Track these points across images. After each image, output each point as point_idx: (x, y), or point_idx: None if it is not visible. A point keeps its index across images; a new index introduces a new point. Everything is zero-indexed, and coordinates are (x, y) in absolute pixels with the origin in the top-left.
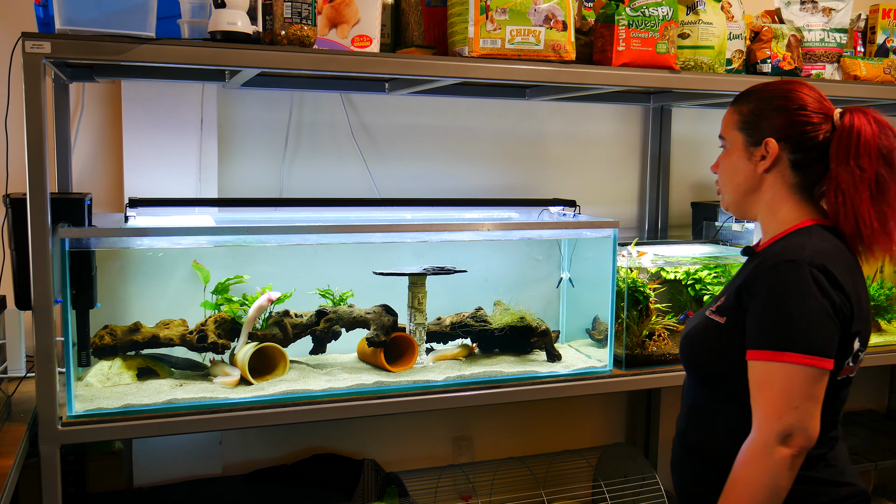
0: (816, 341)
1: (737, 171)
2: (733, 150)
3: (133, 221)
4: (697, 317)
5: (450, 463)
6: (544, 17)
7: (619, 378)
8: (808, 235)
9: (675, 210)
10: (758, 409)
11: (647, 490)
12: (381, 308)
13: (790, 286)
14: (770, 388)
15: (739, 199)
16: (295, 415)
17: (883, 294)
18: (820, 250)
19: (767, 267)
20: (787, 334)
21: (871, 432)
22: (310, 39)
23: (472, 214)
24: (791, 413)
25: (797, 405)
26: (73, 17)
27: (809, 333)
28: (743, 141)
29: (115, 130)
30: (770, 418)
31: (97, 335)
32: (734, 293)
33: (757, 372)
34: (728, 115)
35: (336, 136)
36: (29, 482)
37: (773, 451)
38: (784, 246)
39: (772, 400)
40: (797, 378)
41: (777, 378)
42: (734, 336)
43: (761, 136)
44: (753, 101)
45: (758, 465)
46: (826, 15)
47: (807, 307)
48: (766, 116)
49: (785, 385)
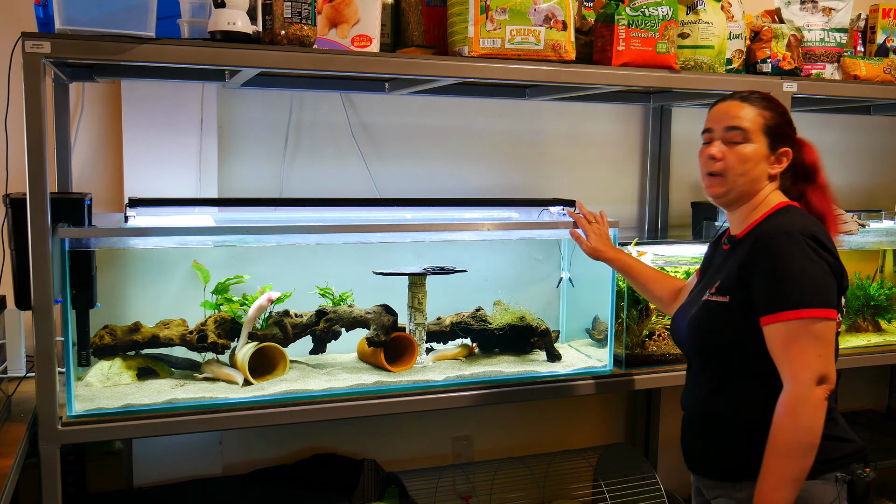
0: (825, 296)
1: (754, 168)
2: (756, 149)
3: (133, 221)
4: (692, 305)
5: (450, 463)
6: (544, 17)
7: (619, 378)
8: (787, 213)
9: (675, 210)
10: (789, 364)
11: (647, 490)
12: (381, 308)
13: (791, 253)
14: (795, 342)
15: (743, 190)
16: (295, 415)
17: (883, 294)
18: (804, 223)
19: (764, 243)
20: (800, 294)
21: (871, 432)
22: (310, 39)
23: (472, 214)
24: (818, 360)
25: (820, 353)
26: (73, 16)
27: (819, 290)
28: (766, 144)
29: (115, 130)
30: (803, 368)
31: (97, 335)
32: (735, 272)
33: (779, 332)
34: (748, 112)
35: (336, 136)
36: (29, 482)
37: (811, 395)
38: (772, 225)
39: (800, 352)
40: (816, 329)
41: (800, 333)
42: (740, 311)
43: (780, 145)
44: (774, 111)
45: (800, 411)
46: (826, 15)
47: (811, 268)
48: (784, 129)
49: (808, 337)
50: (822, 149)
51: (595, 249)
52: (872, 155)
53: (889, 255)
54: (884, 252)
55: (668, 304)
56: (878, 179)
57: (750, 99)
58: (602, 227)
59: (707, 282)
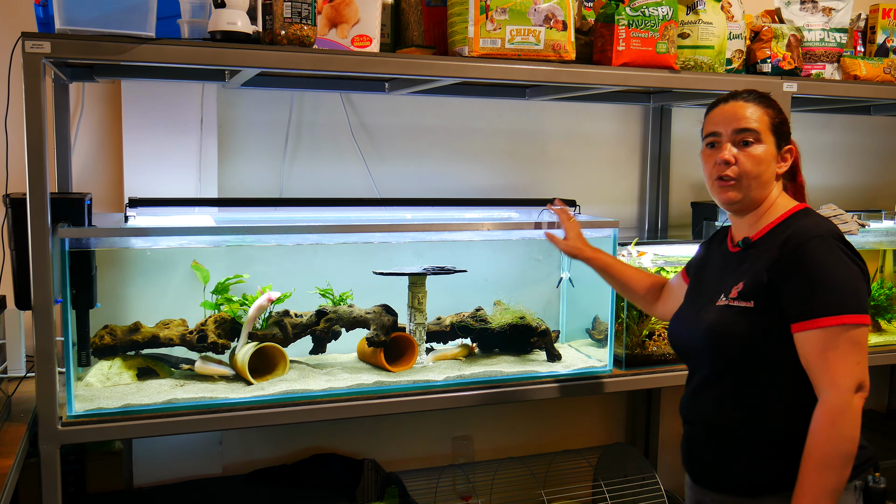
0: (861, 301)
1: (767, 168)
2: (767, 149)
3: (133, 221)
4: (702, 311)
5: (450, 463)
6: (544, 17)
7: (619, 378)
8: (810, 216)
9: (675, 210)
10: (827, 372)
11: (647, 490)
12: (381, 308)
13: (826, 258)
14: (834, 349)
15: (759, 192)
16: (295, 415)
17: (883, 294)
18: (830, 226)
19: (795, 245)
20: (838, 299)
21: (871, 432)
22: (310, 39)
23: (472, 214)
24: (857, 367)
25: (859, 360)
26: (73, 16)
27: (855, 295)
28: (774, 143)
29: (115, 130)
30: (843, 375)
31: (97, 335)
32: (763, 276)
33: (816, 339)
34: (760, 115)
35: (336, 136)
36: (29, 482)
37: (852, 403)
38: (801, 228)
39: (840, 359)
40: (855, 336)
41: (839, 339)
42: (766, 317)
43: (785, 143)
44: (775, 108)
45: (841, 421)
46: (826, 15)
47: (846, 273)
48: (785, 126)
49: (848, 344)
50: (821, 149)
51: (575, 247)
52: (872, 155)
53: (889, 255)
54: (884, 252)
55: (651, 303)
56: (878, 179)
57: (751, 98)
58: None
59: (717, 286)
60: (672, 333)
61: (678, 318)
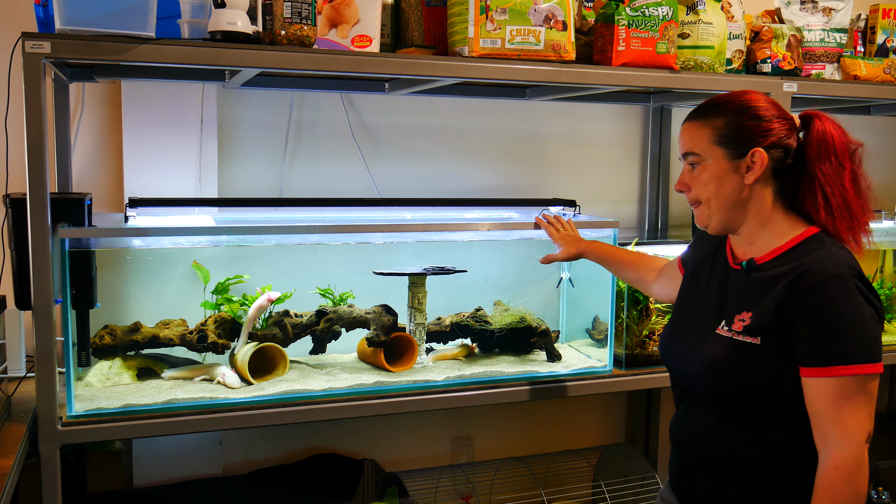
0: (876, 349)
1: (722, 186)
2: (714, 165)
3: (133, 221)
4: (699, 337)
5: (450, 463)
6: (544, 17)
7: (619, 378)
8: (824, 245)
9: (675, 210)
10: (840, 423)
11: (647, 490)
12: (381, 308)
13: (844, 301)
14: (848, 400)
15: (727, 213)
16: (295, 415)
17: (883, 294)
18: (848, 260)
19: (812, 284)
20: (854, 348)
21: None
22: (310, 39)
23: (472, 214)
24: (868, 419)
25: (869, 411)
26: (73, 16)
27: (870, 343)
28: (725, 154)
29: (115, 130)
30: (857, 428)
31: (97, 335)
32: (771, 314)
33: (828, 387)
34: (697, 131)
35: (336, 136)
36: (29, 482)
37: (863, 457)
38: (815, 262)
39: (853, 411)
40: (869, 387)
41: (854, 390)
42: (772, 355)
43: (746, 147)
44: (726, 113)
45: (858, 475)
46: (826, 15)
47: (863, 319)
48: (746, 128)
49: (862, 395)
50: None
51: (571, 256)
52: (872, 155)
53: (889, 255)
54: (884, 252)
55: (649, 285)
56: (878, 179)
57: (696, 115)
58: (571, 231)
59: (718, 308)
60: (664, 351)
61: (672, 338)
